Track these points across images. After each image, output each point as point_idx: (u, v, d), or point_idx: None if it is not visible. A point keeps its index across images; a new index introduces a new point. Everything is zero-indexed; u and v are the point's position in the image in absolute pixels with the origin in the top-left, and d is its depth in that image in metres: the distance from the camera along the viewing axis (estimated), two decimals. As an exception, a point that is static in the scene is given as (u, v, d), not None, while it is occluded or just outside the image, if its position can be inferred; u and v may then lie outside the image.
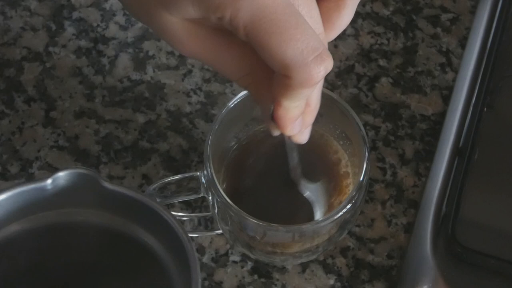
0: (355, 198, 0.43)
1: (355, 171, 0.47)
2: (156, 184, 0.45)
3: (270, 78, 0.36)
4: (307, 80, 0.34)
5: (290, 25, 0.33)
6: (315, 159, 0.48)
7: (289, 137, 0.39)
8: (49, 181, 0.40)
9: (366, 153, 0.44)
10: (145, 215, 0.40)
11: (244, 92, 0.46)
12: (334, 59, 0.39)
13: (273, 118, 0.36)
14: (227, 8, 0.33)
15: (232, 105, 0.45)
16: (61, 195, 0.40)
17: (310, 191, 0.47)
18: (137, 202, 0.40)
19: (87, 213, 0.42)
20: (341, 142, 0.48)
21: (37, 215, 0.41)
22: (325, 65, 0.34)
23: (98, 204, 0.41)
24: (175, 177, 0.45)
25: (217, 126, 0.45)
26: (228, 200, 0.43)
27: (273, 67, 0.34)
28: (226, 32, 0.36)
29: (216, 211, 0.45)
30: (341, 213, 0.43)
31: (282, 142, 0.42)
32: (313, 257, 0.49)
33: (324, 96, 0.45)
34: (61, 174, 0.40)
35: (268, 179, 0.47)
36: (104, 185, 0.40)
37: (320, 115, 0.47)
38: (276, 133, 0.39)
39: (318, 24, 0.37)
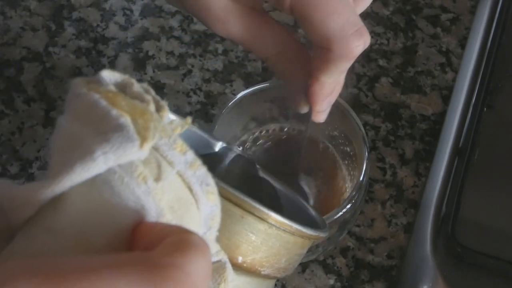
0: (355, 198, 0.43)
1: (355, 171, 0.46)
2: None
3: (301, 56, 0.38)
4: (346, 53, 0.35)
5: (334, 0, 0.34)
6: (315, 159, 0.48)
7: (310, 115, 0.40)
8: (218, 144, 0.39)
9: (366, 153, 0.44)
10: None
11: (243, 92, 0.46)
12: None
13: (307, 93, 0.38)
14: None
15: (232, 105, 0.45)
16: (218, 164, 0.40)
17: (310, 191, 0.46)
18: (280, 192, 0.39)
19: None
20: (340, 141, 0.48)
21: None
22: (364, 40, 0.36)
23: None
24: None
25: (216, 126, 0.45)
26: None
27: (315, 40, 0.35)
28: (261, 11, 0.37)
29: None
30: (340, 213, 0.43)
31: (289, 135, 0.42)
32: (313, 256, 0.49)
33: None
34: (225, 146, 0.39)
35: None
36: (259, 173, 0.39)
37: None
38: (304, 110, 0.40)
39: None
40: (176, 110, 0.55)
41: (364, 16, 0.58)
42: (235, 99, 0.46)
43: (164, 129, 0.25)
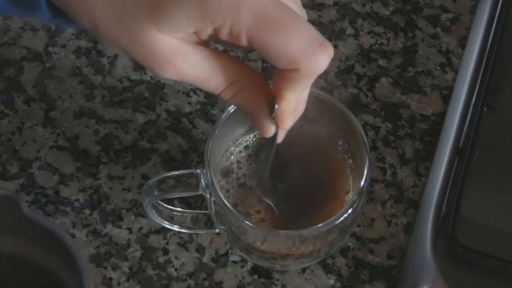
0: (356, 202, 0.43)
1: (356, 175, 0.46)
2: (156, 178, 0.45)
3: (255, 81, 0.37)
4: (314, 69, 0.34)
5: (289, 19, 0.34)
6: (316, 163, 0.48)
7: (276, 137, 0.39)
8: None
9: (367, 159, 0.43)
10: (54, 245, 0.38)
11: None
12: (334, 59, 0.39)
13: (276, 114, 0.37)
14: (228, 15, 0.33)
15: (233, 109, 0.45)
16: None
17: (311, 195, 0.46)
18: (47, 230, 0.38)
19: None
20: (340, 143, 0.48)
21: None
22: (329, 52, 0.35)
23: (12, 226, 0.39)
24: (175, 173, 0.45)
25: (217, 132, 0.44)
26: (231, 207, 0.42)
27: (280, 64, 0.34)
28: (206, 45, 0.36)
29: (213, 211, 0.45)
30: (342, 218, 0.42)
31: (270, 147, 0.42)
32: (314, 261, 0.49)
33: (325, 101, 0.45)
34: None
35: (268, 183, 0.47)
36: (24, 211, 0.37)
37: (321, 117, 0.47)
38: (271, 133, 0.39)
39: (302, 13, 0.37)
40: (176, 110, 0.55)
41: (364, 16, 0.58)
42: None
43: None
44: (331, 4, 0.59)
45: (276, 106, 0.37)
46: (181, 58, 0.35)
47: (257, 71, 0.38)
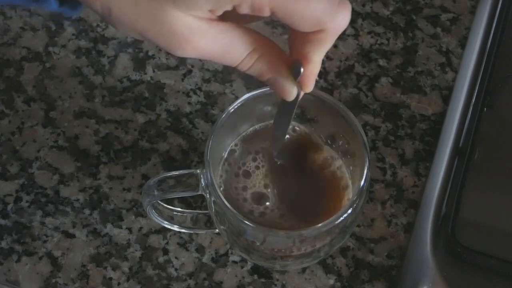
0: (356, 202, 0.43)
1: (356, 175, 0.46)
2: (156, 178, 0.45)
3: (272, 49, 0.38)
4: (339, 26, 0.36)
5: None
6: (315, 164, 0.48)
7: (294, 100, 0.40)
8: None
9: (367, 160, 0.43)
10: None
11: (243, 97, 0.46)
12: (334, 59, 0.39)
13: (302, 78, 0.38)
14: None
15: (232, 109, 0.45)
16: None
17: (311, 195, 0.46)
18: None
19: None
20: (340, 143, 0.48)
21: None
22: (349, 8, 0.36)
23: None
24: (175, 173, 0.45)
25: (217, 131, 0.44)
26: (229, 206, 0.43)
27: (306, 28, 0.36)
28: (221, 18, 0.36)
29: (213, 211, 0.45)
30: (342, 218, 0.42)
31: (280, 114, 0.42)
32: (314, 261, 0.49)
33: (325, 101, 0.45)
34: None
35: (268, 182, 0.47)
36: None
37: (321, 117, 0.47)
38: (293, 96, 0.40)
39: None
40: (176, 110, 0.55)
41: (364, 16, 0.58)
42: (235, 103, 0.45)
43: None
44: (331, 4, 0.59)
45: (302, 70, 0.38)
46: (198, 35, 0.36)
47: (272, 40, 0.38)
